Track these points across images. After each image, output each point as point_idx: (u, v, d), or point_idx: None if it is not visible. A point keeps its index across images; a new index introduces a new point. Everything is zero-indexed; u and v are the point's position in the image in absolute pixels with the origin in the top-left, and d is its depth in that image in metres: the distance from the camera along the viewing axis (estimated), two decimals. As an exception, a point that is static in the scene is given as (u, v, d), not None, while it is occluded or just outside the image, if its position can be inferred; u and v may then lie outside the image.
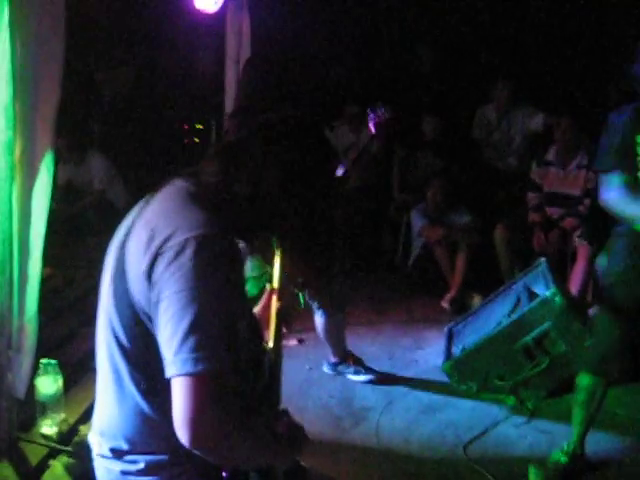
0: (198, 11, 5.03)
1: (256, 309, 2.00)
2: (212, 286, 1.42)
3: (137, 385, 1.53)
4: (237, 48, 5.52)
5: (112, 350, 1.55)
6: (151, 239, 1.47)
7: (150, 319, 1.46)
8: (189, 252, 1.41)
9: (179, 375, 1.38)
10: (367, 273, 5.90)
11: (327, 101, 4.96)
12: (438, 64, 6.84)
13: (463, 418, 3.78)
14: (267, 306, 1.96)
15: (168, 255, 1.43)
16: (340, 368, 4.17)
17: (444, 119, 6.35)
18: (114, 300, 1.53)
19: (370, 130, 4.39)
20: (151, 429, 1.56)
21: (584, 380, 3.16)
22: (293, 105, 1.81)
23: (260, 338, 1.78)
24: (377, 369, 4.20)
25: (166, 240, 1.44)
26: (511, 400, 3.94)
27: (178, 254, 1.42)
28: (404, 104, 6.46)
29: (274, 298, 1.91)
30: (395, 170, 6.48)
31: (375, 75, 6.72)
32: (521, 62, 7.01)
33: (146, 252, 1.46)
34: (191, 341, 1.37)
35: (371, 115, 4.36)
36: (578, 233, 5.31)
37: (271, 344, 1.82)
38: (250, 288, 2.96)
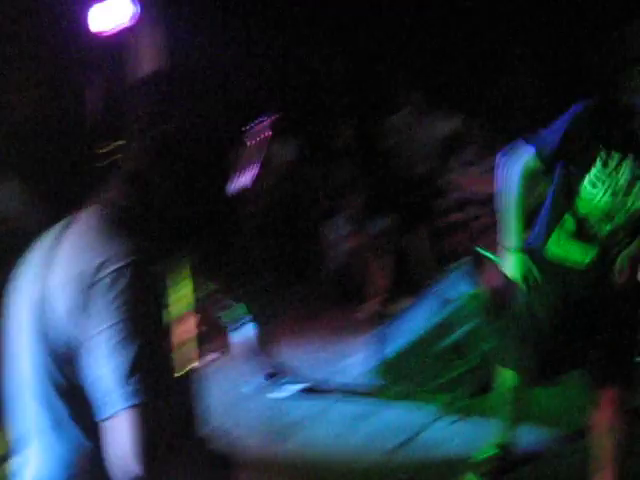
0: (106, 28, 4.95)
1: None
2: (149, 314, 1.38)
3: (80, 425, 1.46)
4: (148, 65, 5.44)
5: (45, 393, 1.46)
6: (80, 272, 1.39)
7: (83, 355, 1.39)
8: (123, 282, 1.36)
9: (128, 408, 1.33)
10: (292, 283, 5.87)
11: (232, 115, 4.93)
12: (351, 73, 6.91)
13: (397, 421, 3.80)
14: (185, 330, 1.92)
15: (101, 287, 1.36)
16: (270, 380, 4.14)
17: (359, 127, 6.40)
18: (39, 339, 1.44)
19: (264, 136, 4.33)
20: (93, 468, 1.48)
21: (506, 377, 3.16)
22: (189, 120, 1.76)
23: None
24: (307, 379, 4.18)
25: (97, 272, 1.38)
26: (441, 400, 3.98)
27: (112, 285, 1.36)
28: (319, 114, 6.51)
29: (190, 321, 1.86)
30: (312, 179, 6.50)
31: (289, 87, 6.72)
32: (433, 66, 7.14)
33: (76, 286, 1.39)
34: (137, 372, 1.33)
35: (262, 120, 4.30)
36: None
37: (189, 367, 1.78)
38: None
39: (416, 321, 4.33)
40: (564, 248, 2.81)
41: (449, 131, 6.37)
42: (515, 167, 2.83)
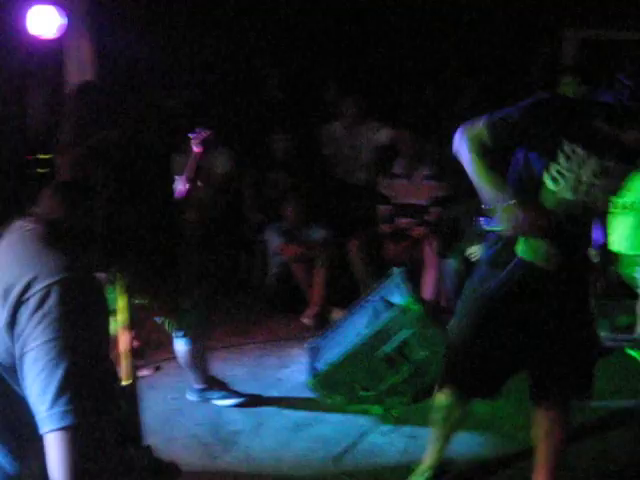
0: (35, 38, 4.84)
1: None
2: (82, 332, 1.33)
3: (4, 447, 1.41)
4: (79, 76, 5.34)
5: None
6: (8, 290, 1.35)
7: (12, 375, 1.35)
8: (53, 299, 1.32)
9: (57, 429, 1.29)
10: (226, 295, 5.82)
11: (165, 127, 4.89)
12: (285, 83, 6.93)
13: (332, 432, 3.80)
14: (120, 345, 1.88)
15: (31, 304, 1.32)
16: (205, 394, 4.08)
17: (293, 138, 6.42)
18: None
19: (195, 149, 4.29)
20: None
21: (440, 398, 3.07)
22: (124, 131, 1.73)
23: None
24: (243, 392, 4.15)
25: (26, 289, 1.33)
26: (377, 409, 4.01)
27: (42, 302, 1.32)
28: (253, 125, 6.50)
29: (125, 336, 1.83)
30: (248, 190, 6.48)
31: (224, 98, 6.69)
32: (366, 77, 7.23)
33: (4, 304, 1.34)
34: (67, 393, 1.29)
35: (193, 135, 4.28)
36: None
37: (125, 381, 1.75)
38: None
39: (352, 331, 4.35)
40: (531, 245, 2.68)
41: (381, 141, 6.45)
42: (465, 135, 2.68)
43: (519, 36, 7.37)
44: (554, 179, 2.59)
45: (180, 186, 3.94)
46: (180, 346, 3.87)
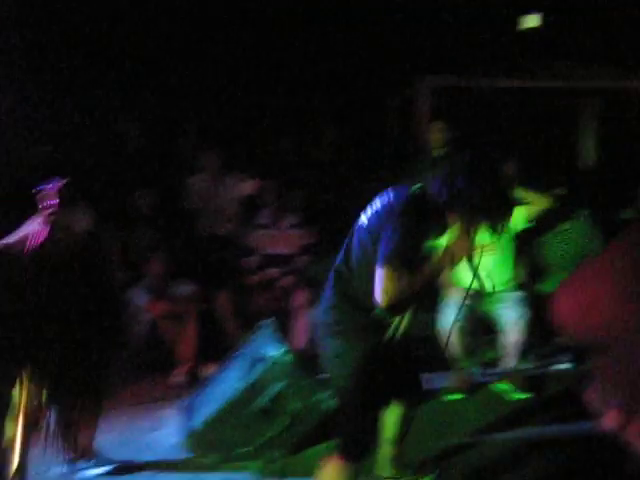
0: None
1: None
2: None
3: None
4: None
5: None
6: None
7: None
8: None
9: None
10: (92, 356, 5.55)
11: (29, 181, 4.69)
12: (144, 138, 6.83)
13: (213, 492, 3.69)
14: None
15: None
16: (75, 465, 3.86)
17: (158, 192, 6.32)
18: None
19: (52, 202, 4.02)
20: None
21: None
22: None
23: None
24: (111, 461, 3.95)
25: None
26: (256, 465, 3.92)
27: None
28: (117, 180, 6.35)
29: None
30: (111, 248, 6.29)
31: (84, 151, 6.51)
32: (230, 129, 7.26)
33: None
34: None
35: (48, 187, 3.97)
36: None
37: None
38: None
39: (224, 386, 4.26)
40: None
41: (245, 192, 6.46)
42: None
43: (374, 84, 7.64)
44: None
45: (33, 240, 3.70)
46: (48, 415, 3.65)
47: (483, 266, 3.38)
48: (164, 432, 4.45)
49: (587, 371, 5.11)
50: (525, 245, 5.30)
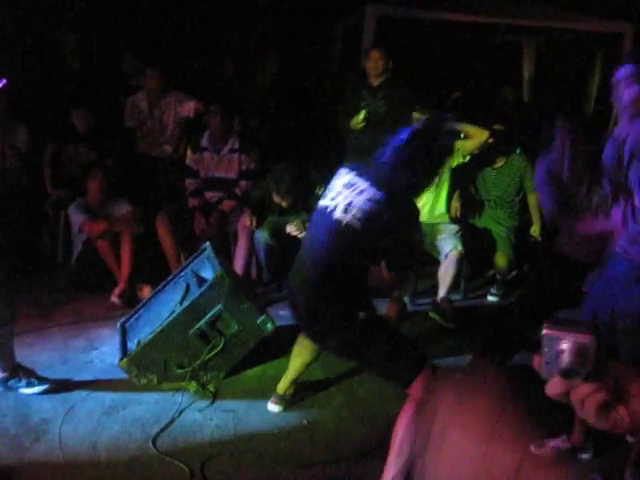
0: None
1: None
2: None
3: None
4: None
5: None
6: None
7: None
8: None
9: None
10: (28, 276, 5.52)
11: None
12: (84, 55, 6.61)
13: (148, 412, 3.75)
14: None
15: None
16: (10, 383, 3.86)
17: (95, 111, 6.18)
18: None
19: None
20: None
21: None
22: None
23: None
24: (51, 377, 3.97)
25: None
26: (193, 386, 4.00)
27: None
28: (52, 98, 6.17)
29: None
30: (46, 165, 6.17)
31: (22, 71, 6.28)
32: (169, 49, 7.09)
33: None
34: None
35: None
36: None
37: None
38: None
39: (164, 308, 4.30)
40: None
41: (187, 114, 6.37)
42: None
43: (318, 12, 7.56)
44: None
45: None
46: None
47: (421, 199, 3.48)
48: (102, 352, 4.49)
49: (512, 304, 5.33)
50: (461, 179, 5.41)
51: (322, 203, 3.11)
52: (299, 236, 4.77)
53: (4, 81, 3.87)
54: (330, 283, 3.03)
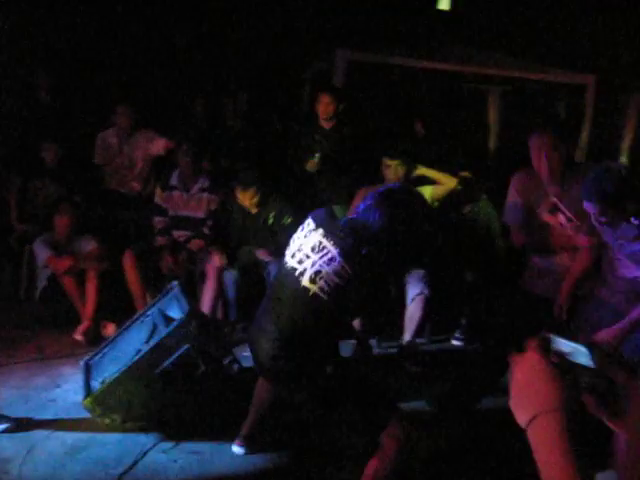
0: None
1: None
2: None
3: None
4: None
5: None
6: None
7: None
8: None
9: None
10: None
11: None
12: (56, 90, 6.61)
13: (111, 452, 3.69)
14: None
15: None
16: (-31, 421, 3.80)
17: (64, 146, 6.17)
18: None
19: None
20: None
21: None
22: None
23: None
24: (12, 416, 3.90)
25: None
26: (156, 427, 3.95)
27: None
28: (21, 131, 6.15)
29: None
30: (12, 199, 6.13)
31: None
32: (140, 87, 7.12)
33: None
34: None
35: None
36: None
37: None
38: None
39: (129, 347, 4.26)
40: None
41: (157, 151, 6.39)
42: None
43: (290, 55, 7.68)
44: None
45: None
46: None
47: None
48: (64, 390, 4.42)
49: (476, 350, 5.38)
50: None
51: (289, 263, 3.04)
52: (270, 260, 4.86)
53: None
54: (297, 346, 2.99)
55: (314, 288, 2.89)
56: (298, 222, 3.20)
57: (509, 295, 4.52)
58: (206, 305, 5.33)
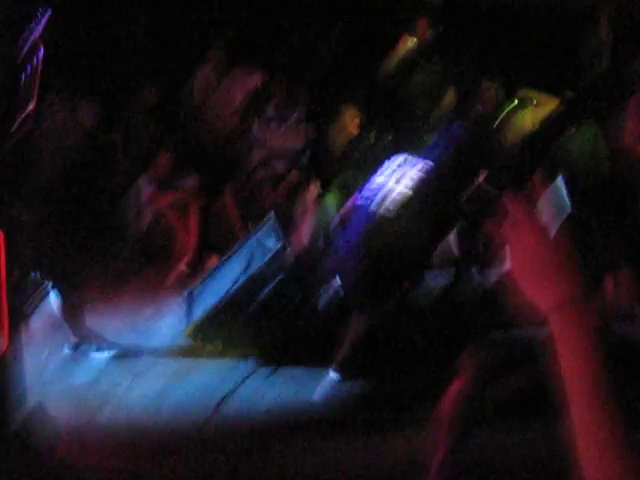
0: None
1: None
2: None
3: None
4: None
5: None
6: None
7: None
8: None
9: None
10: (97, 249, 5.60)
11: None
12: (154, 34, 6.64)
13: (212, 378, 3.81)
14: None
15: None
16: (76, 351, 3.98)
17: (163, 84, 6.23)
18: None
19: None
20: None
21: None
22: None
23: None
24: (115, 347, 4.07)
25: None
26: (256, 353, 4.03)
27: None
28: (121, 72, 6.24)
29: None
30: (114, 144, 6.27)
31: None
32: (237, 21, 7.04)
33: None
34: None
35: None
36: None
37: None
38: None
39: (226, 278, 4.34)
40: None
41: (251, 85, 6.35)
42: None
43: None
44: None
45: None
46: (49, 301, 3.76)
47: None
48: (167, 320, 4.57)
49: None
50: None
51: None
52: None
53: None
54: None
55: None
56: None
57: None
58: (302, 237, 5.34)
